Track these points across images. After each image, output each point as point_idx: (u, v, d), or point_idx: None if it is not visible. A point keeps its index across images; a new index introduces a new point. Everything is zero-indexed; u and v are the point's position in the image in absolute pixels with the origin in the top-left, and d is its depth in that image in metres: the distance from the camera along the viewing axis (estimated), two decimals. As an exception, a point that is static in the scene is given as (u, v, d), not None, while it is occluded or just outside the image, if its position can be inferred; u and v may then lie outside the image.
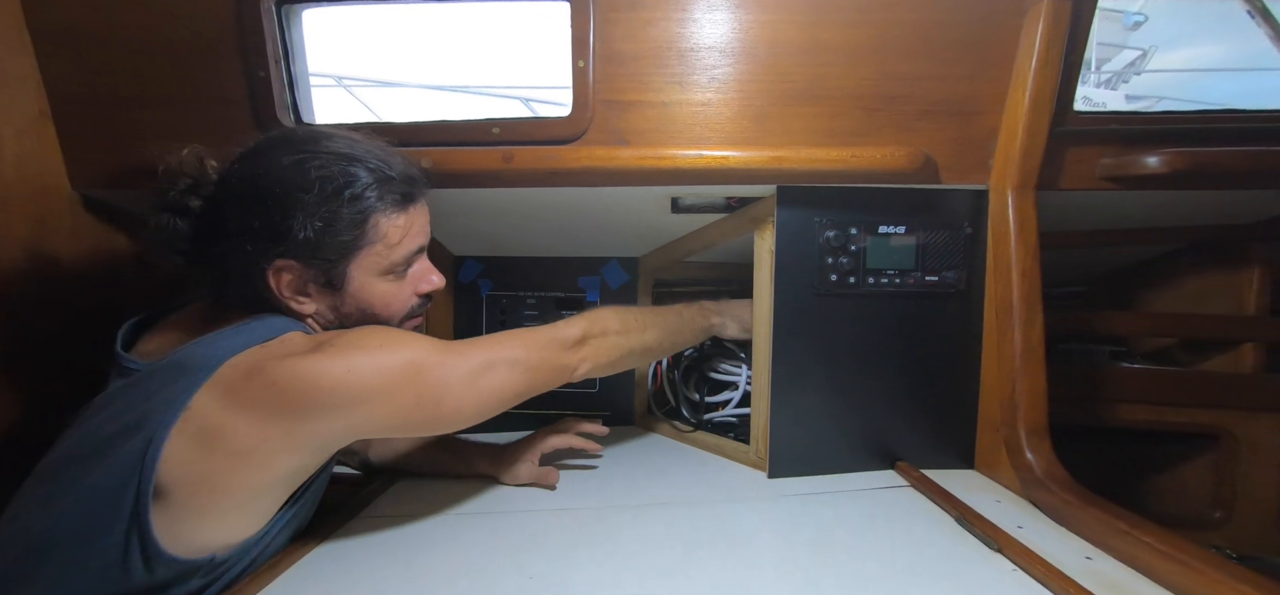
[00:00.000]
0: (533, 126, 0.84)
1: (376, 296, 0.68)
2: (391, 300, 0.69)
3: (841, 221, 0.84)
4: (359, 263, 0.66)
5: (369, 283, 0.67)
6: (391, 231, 0.66)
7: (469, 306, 1.20)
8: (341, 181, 0.62)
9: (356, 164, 0.64)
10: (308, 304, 0.66)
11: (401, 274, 0.69)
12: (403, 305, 0.71)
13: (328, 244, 0.62)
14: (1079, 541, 0.64)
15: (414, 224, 0.69)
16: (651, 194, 0.90)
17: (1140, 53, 5.51)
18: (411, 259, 0.70)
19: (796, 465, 0.87)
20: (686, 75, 0.82)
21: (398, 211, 0.67)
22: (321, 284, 0.65)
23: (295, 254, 0.62)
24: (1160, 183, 0.79)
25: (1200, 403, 0.96)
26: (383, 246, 0.66)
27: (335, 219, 0.62)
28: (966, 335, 0.86)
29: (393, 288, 0.69)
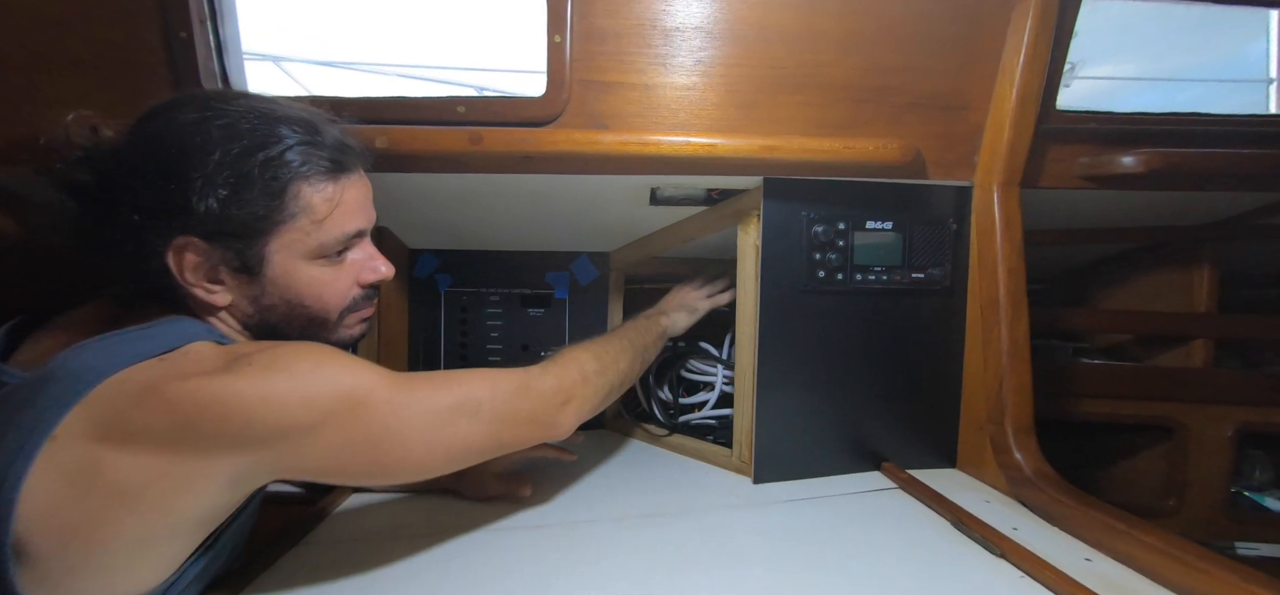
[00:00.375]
0: (503, 107, 0.77)
1: (304, 284, 0.57)
2: (324, 290, 0.58)
3: (829, 216, 0.81)
4: (279, 242, 0.54)
5: (294, 267, 0.56)
6: (318, 204, 0.55)
7: (425, 304, 1.11)
8: (254, 140, 0.52)
9: (276, 122, 0.53)
10: (220, 293, 0.55)
11: (336, 259, 0.59)
12: (339, 297, 0.60)
13: (237, 217, 0.51)
14: (1075, 542, 0.63)
15: (348, 198, 0.58)
16: (630, 184, 0.84)
17: (1070, 66, 5.91)
18: (348, 242, 0.59)
19: (782, 469, 0.83)
20: (671, 57, 0.76)
21: (326, 180, 0.56)
22: (235, 268, 0.54)
23: (197, 229, 0.51)
24: (1135, 182, 0.80)
25: (1155, 396, 0.99)
26: (307, 222, 0.55)
27: (245, 185, 0.51)
28: (950, 333, 0.85)
29: (325, 275, 0.58)
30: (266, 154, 0.52)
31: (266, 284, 0.55)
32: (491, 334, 1.12)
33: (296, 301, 0.57)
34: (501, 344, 1.12)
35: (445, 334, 1.11)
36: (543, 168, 0.78)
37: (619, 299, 1.14)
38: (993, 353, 0.78)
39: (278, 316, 0.57)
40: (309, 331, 0.59)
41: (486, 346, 1.12)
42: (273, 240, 0.54)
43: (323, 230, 0.56)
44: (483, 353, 1.12)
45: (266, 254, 0.54)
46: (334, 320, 0.60)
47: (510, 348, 1.12)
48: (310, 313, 0.58)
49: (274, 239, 0.54)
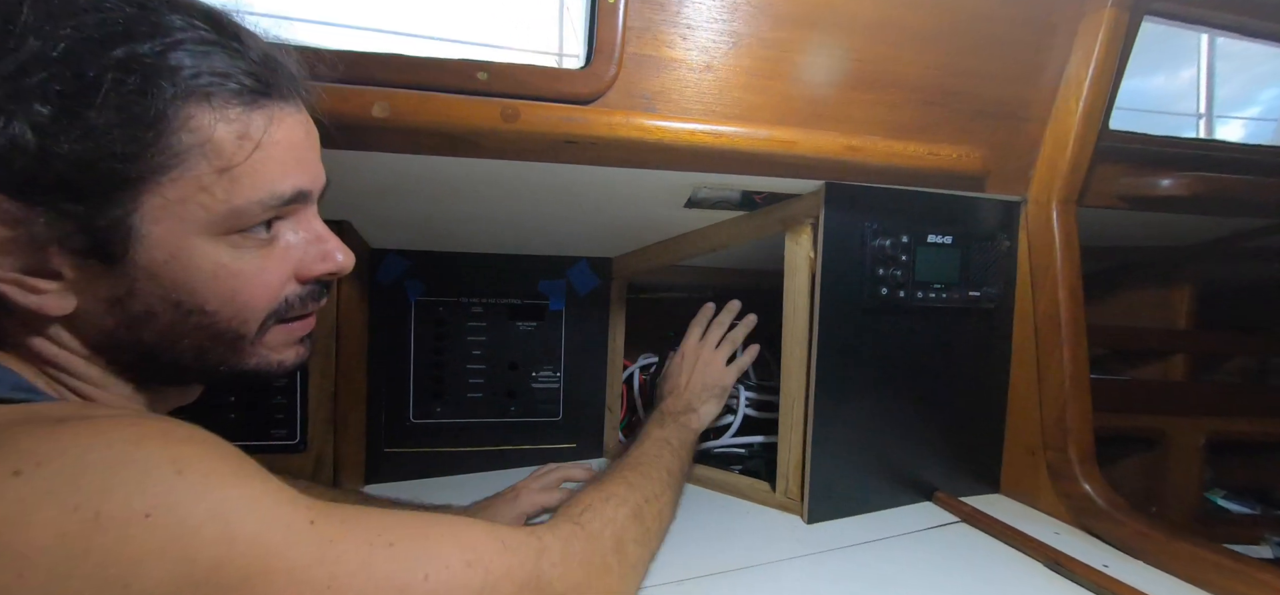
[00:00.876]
0: (535, 78, 0.62)
1: (205, 276, 0.35)
2: (241, 285, 0.37)
3: (891, 227, 0.74)
4: (159, 202, 0.33)
5: (187, 247, 0.34)
6: (226, 141, 0.34)
7: (391, 317, 0.91)
8: (111, 25, 0.31)
9: (160, 10, 0.33)
10: (52, 296, 0.33)
11: (262, 237, 0.37)
12: (266, 295, 0.38)
13: (79, 155, 0.30)
14: (1169, 578, 0.60)
15: (279, 137, 0.37)
16: (671, 181, 0.72)
17: None
18: (280, 208, 0.37)
19: (836, 506, 0.75)
20: (744, 33, 0.65)
21: (241, 105, 0.35)
22: (80, 250, 0.33)
23: (3, 181, 0.30)
24: (1168, 205, 0.81)
25: (1140, 408, 1.03)
26: (209, 170, 0.33)
27: (88, 95, 0.30)
28: (998, 354, 0.82)
29: (242, 261, 0.36)
30: (132, 49, 0.31)
31: (138, 276, 0.34)
32: (473, 352, 0.95)
33: (191, 305, 0.35)
34: (485, 365, 0.95)
35: (416, 354, 0.92)
36: (582, 157, 0.63)
37: (621, 313, 1.01)
38: (1053, 376, 0.75)
39: (157, 333, 0.36)
40: (209, 357, 0.38)
41: (467, 366, 0.94)
42: (147, 199, 0.32)
43: (237, 185, 0.34)
44: (462, 374, 0.94)
45: (135, 224, 0.33)
46: (251, 335, 0.39)
47: (496, 367, 0.95)
48: (215, 325, 0.37)
49: (149, 197, 0.32)
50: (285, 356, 0.42)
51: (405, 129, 0.56)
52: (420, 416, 0.92)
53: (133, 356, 0.37)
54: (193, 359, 0.38)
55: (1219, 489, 1.19)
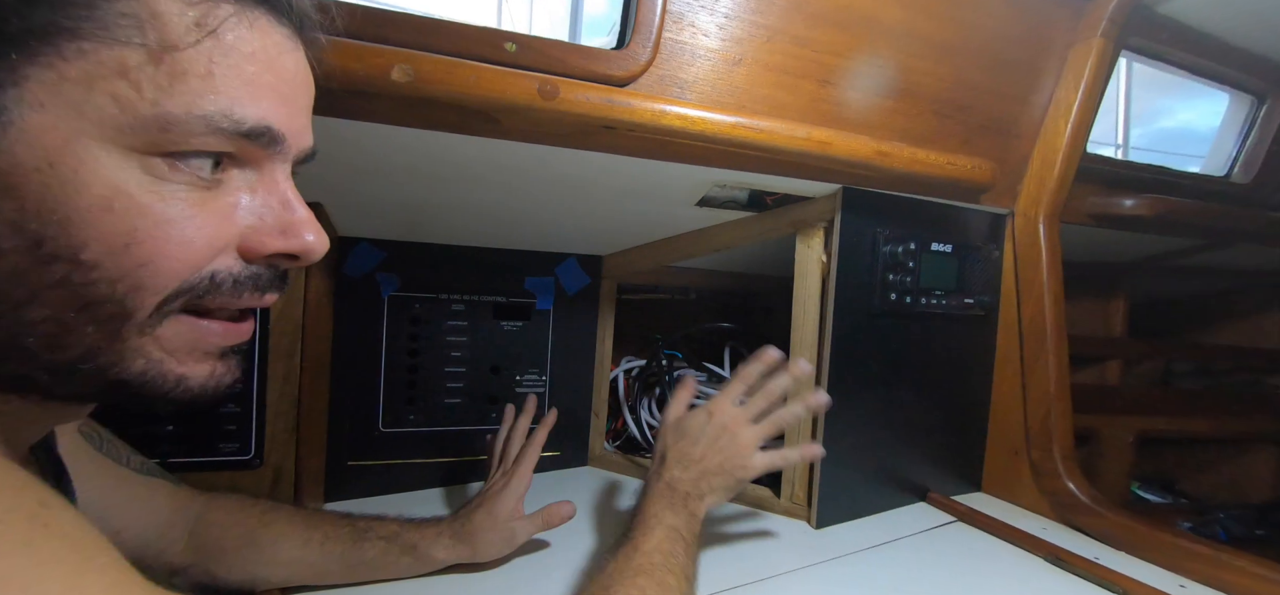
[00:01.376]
0: (569, 54, 0.56)
1: (94, 206, 0.24)
2: (150, 234, 0.25)
3: (901, 234, 0.75)
4: (49, 76, 0.23)
5: (77, 151, 0.24)
6: (175, 16, 0.25)
7: (360, 315, 0.81)
8: None
9: None
10: None
11: (201, 171, 0.27)
12: (185, 259, 0.26)
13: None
14: (1158, 570, 0.65)
15: (255, 45, 0.27)
16: (690, 176, 0.69)
17: None
18: (238, 136, 0.27)
19: (842, 510, 0.76)
20: (780, 28, 0.63)
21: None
22: None
23: None
24: (1127, 224, 0.89)
25: (1081, 409, 1.13)
26: (141, 48, 0.24)
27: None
28: (984, 358, 0.86)
29: (158, 200, 0.25)
30: None
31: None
32: (452, 354, 0.86)
33: (61, 245, 0.24)
34: (465, 367, 0.87)
35: (388, 354, 0.82)
36: (617, 144, 0.59)
37: (611, 313, 0.96)
38: (1039, 379, 0.79)
39: (14, 298, 0.24)
40: (65, 339, 0.25)
41: (444, 369, 0.86)
42: (33, 69, 0.23)
43: (180, 85, 0.25)
44: (439, 378, 0.85)
45: (6, 102, 0.23)
46: (141, 315, 0.26)
47: (477, 371, 0.87)
48: (90, 284, 0.24)
49: (38, 66, 0.23)
50: (190, 371, 0.29)
51: (426, 99, 0.49)
52: (390, 425, 0.83)
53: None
54: (41, 339, 0.24)
55: (1135, 481, 1.33)
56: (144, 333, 0.27)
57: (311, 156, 0.33)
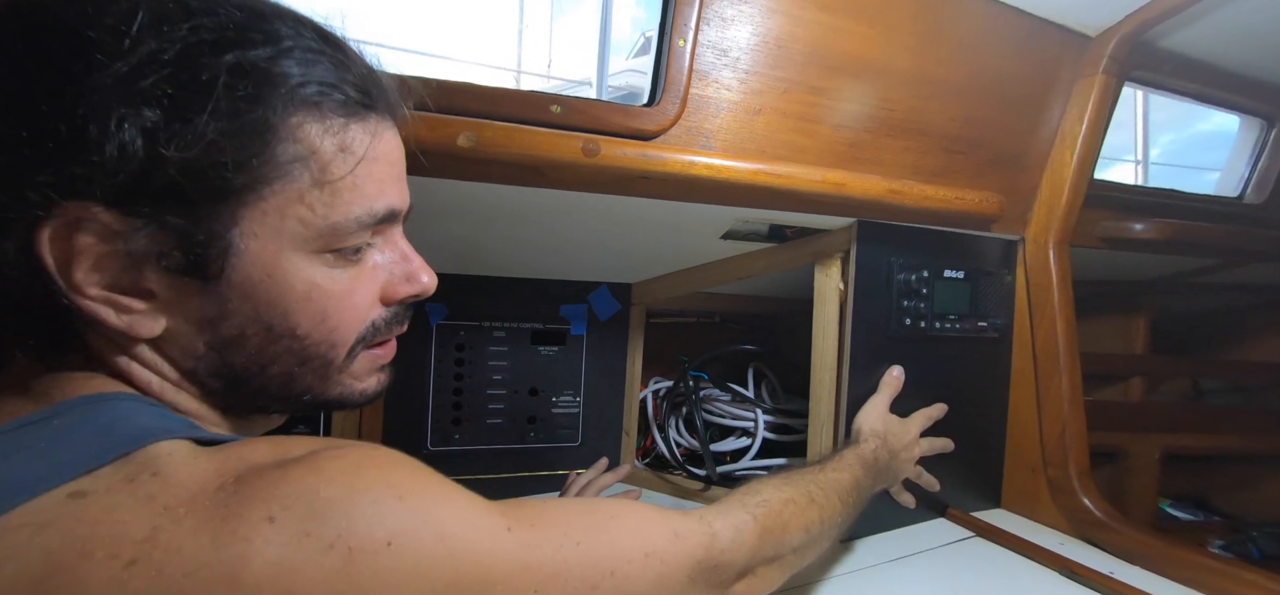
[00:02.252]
0: (608, 113, 0.63)
1: (298, 295, 0.34)
2: (334, 307, 0.35)
3: (915, 262, 0.80)
4: (259, 214, 0.32)
5: (284, 264, 0.33)
6: (331, 152, 0.33)
7: (411, 342, 0.87)
8: (221, 29, 0.30)
9: (271, 17, 0.32)
10: (144, 316, 0.31)
11: (352, 257, 0.36)
12: (357, 319, 0.37)
13: (183, 162, 0.28)
14: (1170, 583, 0.67)
15: (379, 151, 0.35)
16: (714, 214, 0.75)
17: None
18: (375, 223, 0.36)
19: (865, 525, 0.79)
20: (796, 79, 0.69)
21: (347, 117, 0.34)
22: (176, 267, 0.31)
23: (102, 189, 0.28)
24: (1141, 246, 0.92)
25: (1107, 426, 1.15)
26: (310, 183, 0.32)
27: (197, 98, 0.28)
28: (1001, 378, 0.89)
29: (335, 280, 0.35)
30: (242, 54, 0.30)
31: (231, 295, 0.32)
32: (494, 377, 0.93)
33: (283, 327, 0.34)
34: (505, 389, 0.94)
35: (436, 378, 0.89)
36: (651, 191, 0.65)
37: (640, 337, 1.02)
38: (1053, 398, 0.82)
39: (246, 357, 0.34)
40: (297, 383, 0.37)
41: (487, 391, 0.93)
42: (248, 212, 0.31)
43: (337, 200, 0.33)
44: (482, 400, 0.92)
45: (234, 239, 0.31)
46: (340, 361, 0.37)
47: (517, 392, 0.94)
48: (305, 349, 0.35)
49: (250, 209, 0.31)
50: (368, 385, 0.40)
51: (487, 159, 0.56)
52: (438, 444, 0.90)
53: (221, 383, 0.35)
54: (280, 386, 0.36)
55: (1165, 498, 1.33)
56: (342, 371, 0.38)
57: (412, 209, 0.41)
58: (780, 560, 0.50)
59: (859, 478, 0.62)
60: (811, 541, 0.53)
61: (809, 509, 0.53)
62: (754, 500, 0.49)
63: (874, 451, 0.69)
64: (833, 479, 0.59)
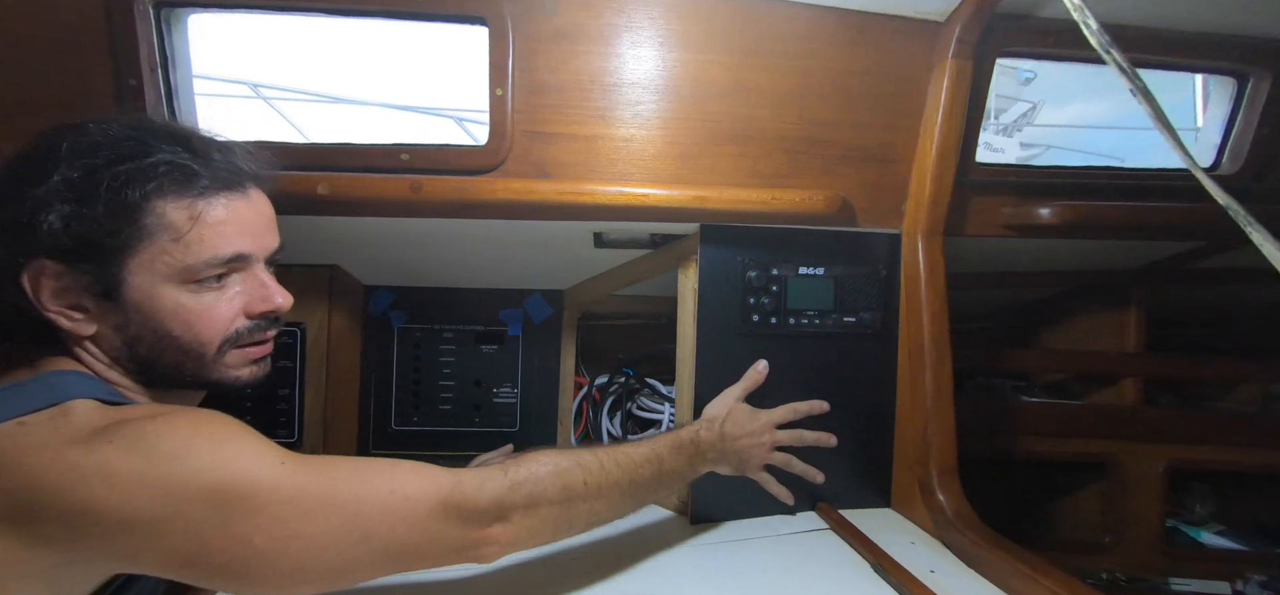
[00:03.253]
0: (446, 155, 0.79)
1: (168, 311, 0.52)
2: (196, 319, 0.53)
3: (763, 261, 0.84)
4: (137, 262, 0.50)
5: (156, 292, 0.51)
6: (179, 220, 0.51)
7: (378, 341, 1.12)
8: (112, 155, 0.49)
9: (151, 139, 0.51)
10: (83, 321, 0.51)
11: (213, 285, 0.54)
12: (217, 326, 0.54)
13: (81, 234, 0.48)
14: (986, 584, 0.65)
15: (222, 216, 0.53)
16: (573, 229, 0.87)
17: (1031, 106, 6.15)
18: (225, 266, 0.54)
19: (720, 509, 0.85)
20: (611, 110, 0.80)
21: (192, 196, 0.51)
22: (97, 293, 0.50)
23: (50, 250, 0.48)
24: (1052, 232, 0.84)
25: (1089, 433, 1.02)
26: (167, 240, 0.50)
27: (88, 199, 0.48)
28: (883, 375, 0.88)
29: (195, 302, 0.53)
30: (119, 168, 0.49)
31: (129, 311, 0.51)
32: (444, 370, 1.13)
33: (163, 331, 0.52)
34: (454, 380, 1.13)
35: (398, 370, 1.12)
36: (484, 214, 0.80)
37: (573, 336, 1.15)
38: (919, 395, 0.80)
39: (146, 349, 0.53)
40: (184, 368, 0.54)
41: (439, 382, 1.13)
42: (129, 261, 0.50)
43: (187, 250, 0.51)
44: (435, 389, 1.13)
45: (123, 276, 0.50)
46: (211, 355, 0.54)
47: (463, 384, 1.13)
48: (181, 344, 0.53)
49: (131, 259, 0.50)
50: (242, 373, 0.57)
51: (344, 201, 0.76)
52: (400, 424, 1.12)
53: (135, 366, 0.54)
54: (173, 371, 0.54)
55: (1213, 522, 1.13)
56: (216, 362, 0.55)
57: (280, 250, 0.59)
58: (534, 509, 0.58)
59: (661, 453, 0.69)
60: (574, 498, 0.60)
61: (573, 472, 0.61)
62: (514, 463, 0.59)
63: (695, 434, 0.74)
64: (622, 452, 0.66)
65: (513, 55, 0.76)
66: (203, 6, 0.79)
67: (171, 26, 0.78)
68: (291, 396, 0.99)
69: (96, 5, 0.73)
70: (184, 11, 0.79)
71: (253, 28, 0.65)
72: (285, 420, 0.99)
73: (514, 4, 0.75)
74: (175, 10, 0.78)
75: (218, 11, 0.80)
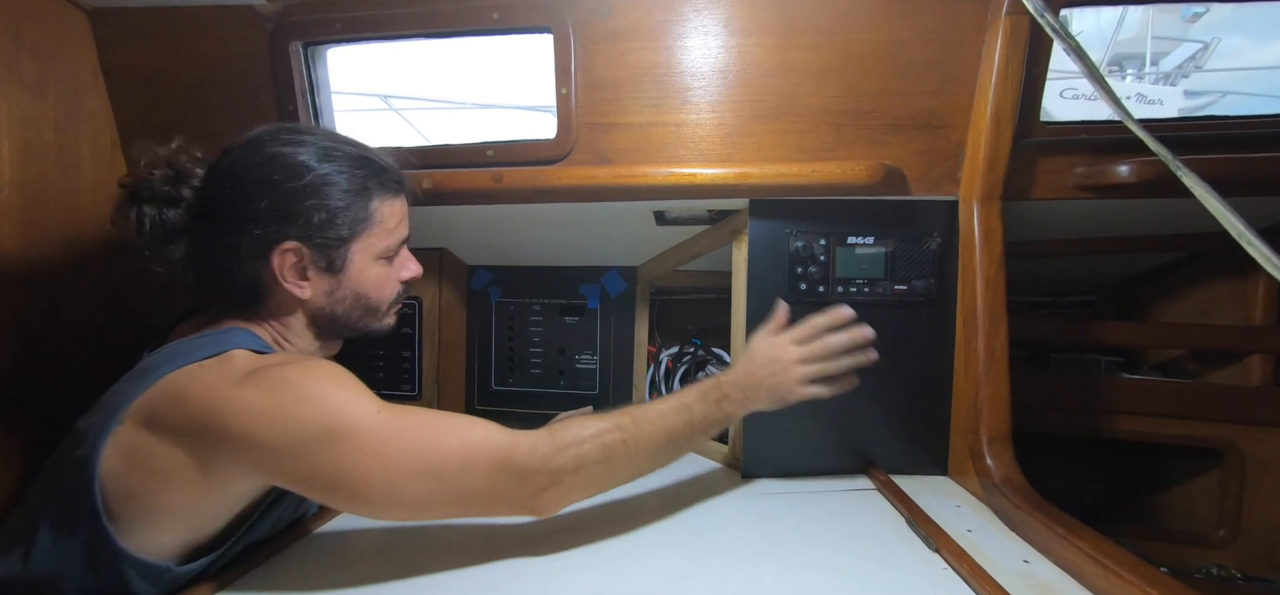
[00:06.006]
0: (522, 148, 0.92)
1: (371, 280, 0.70)
2: (384, 285, 0.72)
3: (810, 232, 0.87)
4: (361, 245, 0.68)
5: (366, 266, 0.69)
6: (389, 216, 0.70)
7: (481, 312, 1.29)
8: (348, 161, 0.66)
9: (355, 147, 0.68)
10: (306, 288, 0.66)
11: (391, 261, 0.72)
12: (392, 291, 0.74)
13: (337, 224, 0.65)
14: (1022, 544, 0.65)
15: (401, 211, 0.72)
16: (635, 208, 0.96)
17: (1201, 46, 5.10)
18: (400, 246, 0.73)
19: (770, 467, 0.90)
20: (663, 98, 0.87)
21: (393, 197, 0.70)
22: (322, 267, 0.66)
23: (303, 235, 0.63)
24: (1133, 191, 0.78)
25: (1200, 416, 0.93)
26: (381, 230, 0.69)
27: (350, 197, 0.65)
28: (939, 344, 0.87)
29: (384, 273, 0.71)
30: (362, 172, 0.67)
31: (344, 280, 0.68)
32: (534, 339, 1.28)
33: (363, 294, 0.70)
34: (542, 348, 1.28)
35: (496, 338, 1.29)
36: (554, 199, 0.92)
37: (646, 308, 1.25)
38: (972, 363, 0.80)
39: (344, 308, 0.70)
40: (365, 320, 0.72)
41: (530, 349, 1.29)
42: (356, 244, 0.68)
43: (391, 236, 0.71)
44: (527, 355, 1.29)
45: (349, 255, 0.68)
46: (384, 309, 0.74)
47: (550, 351, 1.28)
48: (370, 303, 0.71)
49: (357, 243, 0.68)
50: (392, 321, 0.77)
51: (444, 193, 0.91)
52: (499, 385, 1.29)
53: (324, 321, 0.71)
54: (355, 323, 0.72)
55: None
56: (385, 314, 0.75)
57: (408, 238, 0.75)
58: (581, 472, 0.64)
59: (689, 402, 0.72)
60: (615, 457, 0.66)
61: (611, 433, 0.66)
62: (560, 427, 0.65)
63: (716, 380, 0.75)
64: (654, 409, 0.71)
65: (574, 57, 0.87)
66: (337, 41, 0.98)
67: (315, 60, 0.98)
68: (412, 358, 1.20)
69: (262, 51, 0.94)
70: (324, 46, 0.99)
71: (377, 52, 0.81)
72: (408, 377, 1.20)
73: (574, 11, 0.85)
74: (317, 46, 0.98)
75: (347, 44, 0.99)
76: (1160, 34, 5.05)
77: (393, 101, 4.26)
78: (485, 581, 0.61)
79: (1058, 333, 1.05)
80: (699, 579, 0.62)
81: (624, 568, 0.64)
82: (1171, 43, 5.15)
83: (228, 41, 0.94)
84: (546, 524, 0.74)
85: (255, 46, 0.94)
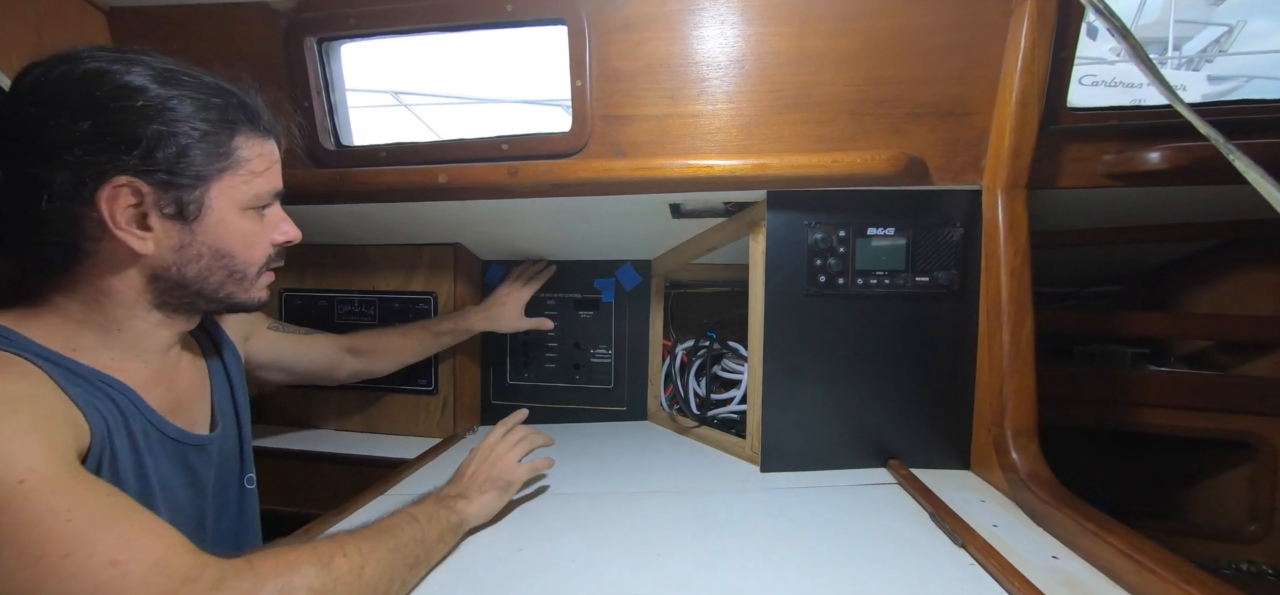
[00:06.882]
0: (537, 142, 0.91)
1: (236, 234, 0.57)
2: (253, 243, 0.59)
3: (829, 224, 0.86)
4: (221, 187, 0.54)
5: (229, 216, 0.56)
6: (256, 158, 0.57)
7: (495, 307, 1.29)
8: (206, 92, 0.53)
9: (211, 79, 0.55)
10: (147, 239, 0.52)
11: (261, 213, 0.59)
12: (263, 253, 0.61)
13: (190, 157, 0.51)
14: (1050, 540, 0.64)
15: (274, 154, 0.60)
16: (650, 201, 0.95)
17: (1226, 29, 4.96)
18: (273, 197, 0.60)
19: (789, 460, 0.90)
20: (679, 89, 0.86)
21: (259, 134, 0.57)
22: (170, 213, 0.52)
23: (143, 169, 0.49)
24: (1164, 179, 0.76)
25: (1230, 408, 0.91)
26: (246, 172, 0.56)
27: (198, 129, 0.51)
28: (962, 336, 0.86)
29: (253, 227, 0.59)
30: (220, 101, 0.53)
31: (199, 231, 0.54)
32: (549, 333, 1.28)
33: (224, 251, 0.56)
34: (557, 342, 1.28)
35: (511, 335, 1.29)
36: (570, 192, 0.91)
37: (660, 302, 1.24)
38: (996, 355, 0.78)
39: (198, 269, 0.55)
40: (225, 289, 0.59)
41: (545, 343, 1.28)
42: (215, 184, 0.54)
43: (258, 182, 0.57)
44: (542, 349, 1.28)
45: (207, 199, 0.53)
46: (252, 276, 0.61)
47: (565, 345, 1.27)
48: (233, 265, 0.58)
49: (216, 185, 0.54)
50: (263, 295, 0.63)
51: (459, 187, 0.91)
52: (514, 379, 1.29)
53: (170, 286, 0.55)
54: (216, 290, 0.58)
55: None
56: (253, 282, 0.61)
57: (281, 192, 0.62)
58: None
59: (414, 513, 0.63)
60: (335, 584, 0.49)
61: (329, 561, 0.50)
62: (272, 553, 0.48)
63: (445, 489, 0.71)
64: (384, 522, 0.60)
65: (589, 49, 0.86)
66: (351, 37, 0.98)
67: (329, 57, 0.98)
68: (431, 358, 1.20)
69: (277, 47, 0.95)
70: (337, 42, 0.99)
71: (388, 48, 0.79)
72: (424, 372, 1.20)
73: (588, 2, 0.84)
74: (331, 42, 0.97)
75: (362, 40, 0.99)
76: (1183, 17, 4.92)
77: (403, 97, 4.27)
78: (510, 571, 0.61)
79: (1081, 324, 1.03)
80: (720, 572, 0.61)
81: (644, 562, 0.64)
82: (1195, 27, 5.02)
83: (242, 39, 0.94)
84: (567, 518, 0.75)
85: (270, 43, 0.94)
